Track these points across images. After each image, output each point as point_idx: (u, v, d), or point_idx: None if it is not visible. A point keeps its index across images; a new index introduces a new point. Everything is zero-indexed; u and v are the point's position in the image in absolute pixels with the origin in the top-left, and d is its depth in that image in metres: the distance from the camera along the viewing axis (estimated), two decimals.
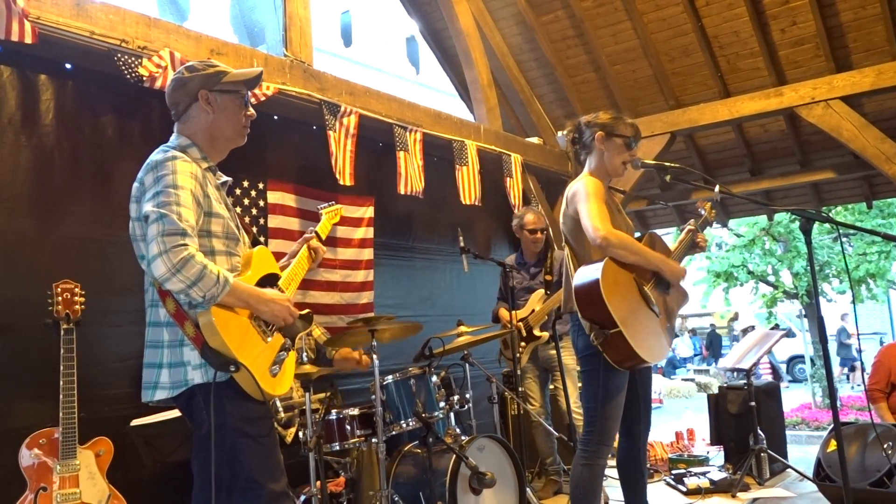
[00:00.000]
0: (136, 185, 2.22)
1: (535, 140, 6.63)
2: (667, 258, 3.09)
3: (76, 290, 3.06)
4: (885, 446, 3.96)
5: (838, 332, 16.81)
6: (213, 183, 2.31)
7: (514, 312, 4.67)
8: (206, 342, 2.07)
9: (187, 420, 2.27)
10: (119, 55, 3.31)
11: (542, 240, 4.98)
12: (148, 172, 2.18)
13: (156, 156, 2.21)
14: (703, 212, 3.39)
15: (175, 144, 2.29)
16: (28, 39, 2.93)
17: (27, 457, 2.89)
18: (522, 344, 4.82)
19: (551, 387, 4.92)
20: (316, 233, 2.79)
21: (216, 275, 2.05)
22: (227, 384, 2.11)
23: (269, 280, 2.34)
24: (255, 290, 2.20)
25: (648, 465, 4.80)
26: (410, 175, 4.79)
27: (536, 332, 4.81)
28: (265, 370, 2.17)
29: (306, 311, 2.45)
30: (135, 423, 3.24)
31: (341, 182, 4.32)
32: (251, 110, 2.41)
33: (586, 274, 2.92)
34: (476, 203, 5.32)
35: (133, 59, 3.34)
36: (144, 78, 3.34)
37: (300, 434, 3.51)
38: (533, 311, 4.83)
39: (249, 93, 2.46)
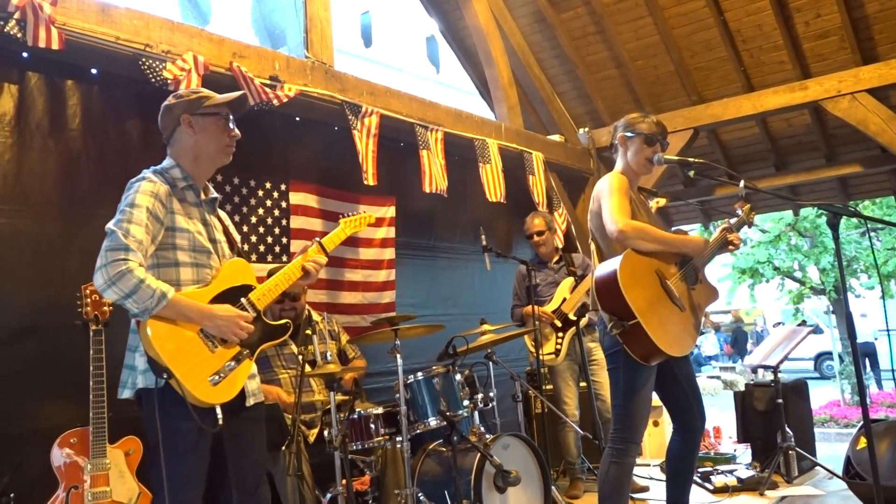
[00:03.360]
0: None
1: (556, 138, 6.61)
2: (685, 236, 3.11)
3: None
4: None
5: None
6: (192, 200, 2.46)
7: (542, 309, 4.72)
8: (146, 350, 2.22)
9: None
10: (143, 59, 3.36)
11: (546, 241, 4.96)
12: (124, 192, 2.37)
13: (133, 178, 2.40)
14: (739, 212, 3.36)
15: (158, 167, 2.47)
16: (55, 46, 2.99)
17: (58, 456, 2.94)
18: (560, 335, 4.79)
19: (582, 384, 4.86)
20: (320, 244, 2.73)
21: (153, 289, 2.18)
22: (167, 392, 2.22)
23: (238, 292, 2.42)
24: (196, 306, 2.29)
25: None
26: (434, 173, 4.79)
27: (573, 317, 4.73)
28: (203, 379, 2.25)
29: (283, 321, 2.56)
30: None
31: (366, 182, 4.34)
32: (235, 131, 2.53)
33: (606, 266, 2.96)
34: (502, 200, 5.31)
35: (157, 63, 3.39)
36: (169, 81, 3.38)
37: (325, 433, 3.54)
38: (564, 299, 4.80)
39: (247, 110, 2.62)
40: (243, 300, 2.42)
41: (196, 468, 2.33)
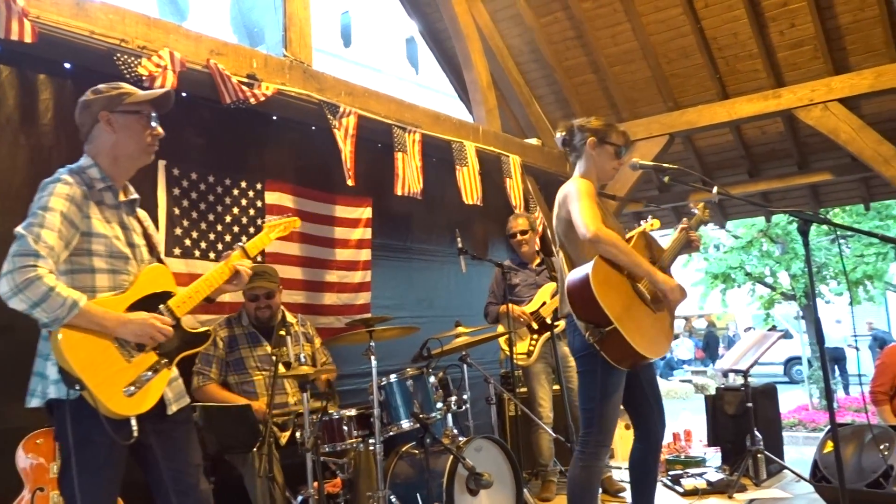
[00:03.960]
0: None
1: (534, 141, 6.64)
2: (657, 270, 3.00)
3: None
4: (882, 447, 3.97)
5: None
6: (110, 202, 2.37)
7: (520, 308, 4.71)
8: (57, 360, 2.13)
9: None
10: (118, 55, 3.31)
11: (529, 241, 4.98)
12: (37, 192, 2.26)
13: (48, 178, 2.29)
14: (696, 211, 3.41)
15: (75, 165, 2.36)
16: (28, 39, 2.94)
17: (24, 458, 2.89)
18: (535, 336, 4.80)
19: (555, 387, 4.87)
20: (243, 248, 2.63)
21: (63, 298, 2.08)
22: (80, 403, 2.14)
23: (156, 299, 2.34)
24: (109, 314, 2.20)
25: None
26: (408, 176, 4.78)
27: (550, 321, 4.74)
28: (117, 390, 2.17)
29: (204, 329, 2.49)
30: None
31: (347, 182, 4.32)
32: (158, 129, 2.43)
33: (577, 273, 2.94)
34: (478, 203, 5.32)
35: (132, 58, 3.34)
36: (144, 77, 3.34)
37: (297, 435, 3.51)
38: (544, 303, 4.80)
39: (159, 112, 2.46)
40: (161, 307, 2.34)
41: (109, 482, 2.25)
